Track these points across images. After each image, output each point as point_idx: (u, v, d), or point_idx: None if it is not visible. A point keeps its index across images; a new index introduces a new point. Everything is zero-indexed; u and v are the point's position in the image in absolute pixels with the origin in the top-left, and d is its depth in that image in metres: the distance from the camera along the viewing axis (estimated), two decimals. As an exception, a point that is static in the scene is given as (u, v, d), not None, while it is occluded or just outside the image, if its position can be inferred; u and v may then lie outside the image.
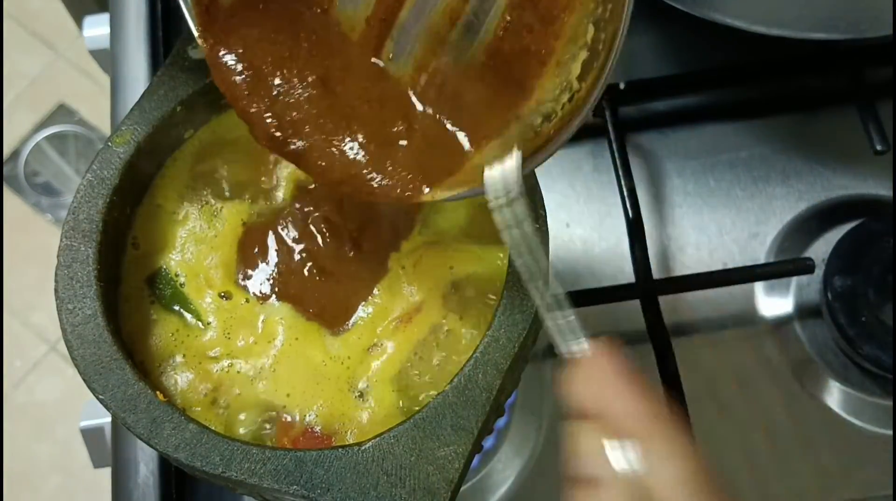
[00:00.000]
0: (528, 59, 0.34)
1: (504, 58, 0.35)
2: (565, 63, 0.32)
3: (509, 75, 0.35)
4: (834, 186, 0.58)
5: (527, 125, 0.33)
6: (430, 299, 0.40)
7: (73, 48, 1.49)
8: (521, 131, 0.33)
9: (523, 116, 0.34)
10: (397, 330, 0.40)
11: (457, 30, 0.36)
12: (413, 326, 0.40)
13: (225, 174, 0.43)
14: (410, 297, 0.40)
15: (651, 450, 0.26)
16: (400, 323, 0.40)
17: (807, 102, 0.61)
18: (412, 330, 0.40)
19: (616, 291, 0.54)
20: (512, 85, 0.35)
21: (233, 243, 0.42)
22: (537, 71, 0.33)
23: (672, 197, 0.58)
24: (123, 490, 0.50)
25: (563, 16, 0.32)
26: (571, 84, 0.32)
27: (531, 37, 0.33)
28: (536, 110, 0.33)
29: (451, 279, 0.41)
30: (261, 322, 0.41)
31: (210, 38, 0.37)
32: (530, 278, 0.32)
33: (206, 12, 0.37)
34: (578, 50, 0.32)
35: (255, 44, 0.38)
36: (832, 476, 0.52)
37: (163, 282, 0.41)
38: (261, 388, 0.39)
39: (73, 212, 0.40)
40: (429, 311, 0.40)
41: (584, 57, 0.31)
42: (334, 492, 0.35)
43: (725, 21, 0.49)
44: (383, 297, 0.41)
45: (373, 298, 0.41)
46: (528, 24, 0.33)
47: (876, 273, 0.53)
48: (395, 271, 0.41)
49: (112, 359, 0.37)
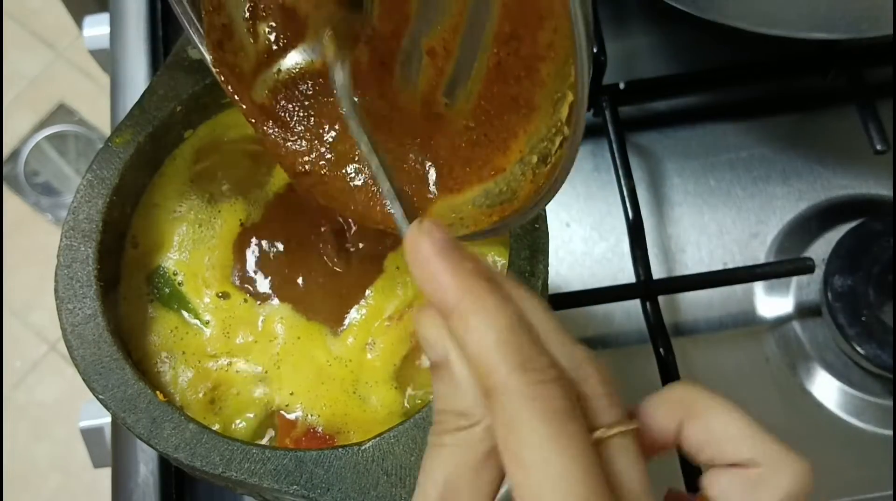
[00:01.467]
0: (515, 108, 0.34)
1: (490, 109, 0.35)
2: (554, 107, 0.32)
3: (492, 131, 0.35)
4: (834, 186, 0.58)
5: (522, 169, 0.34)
6: (420, 296, 0.40)
7: (73, 48, 1.49)
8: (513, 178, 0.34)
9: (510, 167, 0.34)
10: (390, 329, 0.40)
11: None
12: (405, 323, 0.40)
13: (224, 174, 0.43)
14: (403, 295, 0.41)
15: (466, 326, 0.26)
16: (392, 322, 0.40)
17: (807, 102, 0.61)
18: (404, 328, 0.40)
19: (616, 291, 0.54)
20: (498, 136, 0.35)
21: (231, 243, 0.42)
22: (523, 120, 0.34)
23: (672, 197, 0.58)
24: (123, 490, 0.50)
25: (540, 66, 0.32)
26: (562, 128, 0.32)
27: (518, 86, 0.33)
28: (529, 154, 0.34)
29: None
30: (260, 321, 0.41)
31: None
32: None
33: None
34: (566, 90, 0.32)
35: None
36: (832, 476, 0.52)
37: (161, 281, 0.41)
38: (262, 387, 0.40)
39: (73, 212, 0.40)
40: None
41: (571, 99, 0.31)
42: (334, 492, 0.35)
43: (726, 21, 0.49)
44: (377, 297, 0.41)
45: (366, 299, 0.41)
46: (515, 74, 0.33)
47: (876, 273, 0.53)
48: (390, 271, 0.41)
49: (112, 359, 0.37)
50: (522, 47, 0.31)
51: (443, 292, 0.27)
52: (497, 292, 0.27)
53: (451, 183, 0.36)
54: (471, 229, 0.36)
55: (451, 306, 0.27)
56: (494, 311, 0.26)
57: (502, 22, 0.31)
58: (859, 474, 0.52)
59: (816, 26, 0.49)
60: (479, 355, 0.26)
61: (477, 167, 0.35)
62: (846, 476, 0.52)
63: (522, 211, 0.34)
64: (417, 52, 0.35)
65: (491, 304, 0.26)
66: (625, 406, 0.27)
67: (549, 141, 0.32)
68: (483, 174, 0.35)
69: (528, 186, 0.34)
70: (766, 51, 0.58)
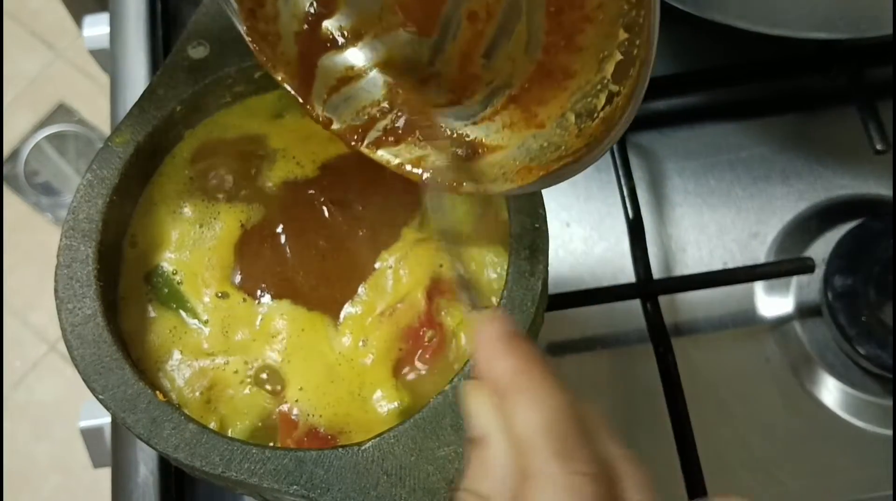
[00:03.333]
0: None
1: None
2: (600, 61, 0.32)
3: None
4: (834, 186, 0.58)
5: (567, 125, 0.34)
6: (413, 293, 0.40)
7: (72, 48, 1.49)
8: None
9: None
10: (382, 325, 0.40)
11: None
12: (396, 318, 0.40)
13: (223, 174, 0.43)
14: (396, 292, 0.41)
15: (517, 402, 0.27)
16: (384, 317, 0.40)
17: (807, 102, 0.61)
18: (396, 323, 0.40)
19: (616, 291, 0.54)
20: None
21: (230, 243, 0.42)
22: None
23: (672, 197, 0.58)
24: (123, 490, 0.50)
25: (587, 27, 0.32)
26: (608, 84, 0.32)
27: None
28: (570, 111, 0.34)
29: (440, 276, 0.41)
30: (259, 320, 0.40)
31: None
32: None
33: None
34: (614, 49, 0.32)
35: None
36: (832, 476, 0.52)
37: (160, 280, 0.41)
38: (262, 386, 0.39)
39: (72, 211, 0.40)
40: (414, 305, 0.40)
41: (619, 58, 0.32)
42: (334, 492, 0.35)
43: (726, 21, 0.49)
44: (370, 294, 0.41)
45: (359, 296, 0.41)
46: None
47: (876, 273, 0.53)
48: (383, 270, 0.41)
49: (112, 359, 0.37)
50: (571, 11, 0.32)
51: (499, 371, 0.28)
52: (552, 379, 0.27)
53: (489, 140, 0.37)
54: (517, 184, 0.36)
55: (506, 384, 0.27)
56: (546, 395, 0.27)
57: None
58: (859, 474, 0.52)
59: (816, 26, 0.49)
60: (524, 434, 0.26)
61: (514, 124, 0.36)
62: (846, 476, 0.52)
63: (573, 164, 0.34)
64: (457, 17, 0.36)
65: (544, 388, 0.27)
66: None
67: (594, 97, 0.33)
68: (521, 131, 0.36)
69: (575, 141, 0.34)
70: (766, 51, 0.58)
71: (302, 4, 0.39)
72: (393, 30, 0.39)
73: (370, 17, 0.39)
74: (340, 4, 0.39)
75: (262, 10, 0.39)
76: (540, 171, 0.35)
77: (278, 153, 0.44)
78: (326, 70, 0.40)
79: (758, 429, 0.53)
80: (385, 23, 0.39)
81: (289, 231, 0.42)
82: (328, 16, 0.40)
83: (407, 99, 0.39)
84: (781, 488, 0.52)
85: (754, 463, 0.52)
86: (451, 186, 0.37)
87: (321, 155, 0.44)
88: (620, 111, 0.32)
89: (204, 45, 0.43)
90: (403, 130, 0.39)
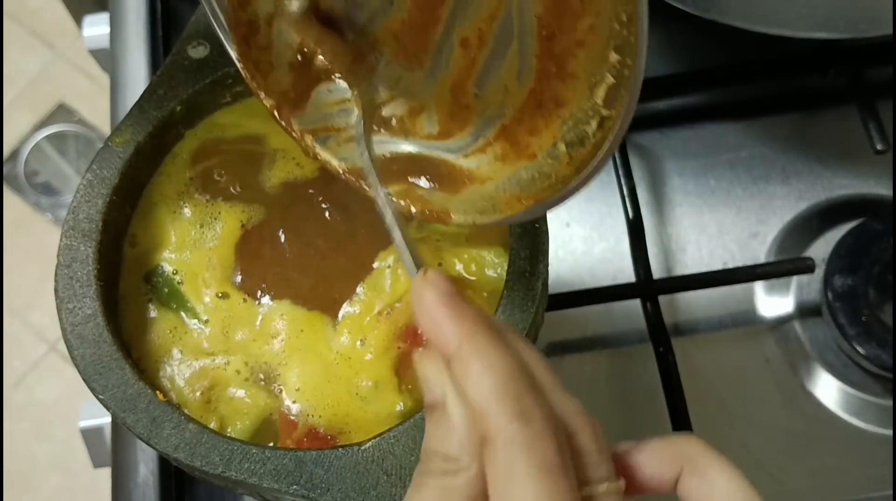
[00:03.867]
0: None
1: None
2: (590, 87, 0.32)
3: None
4: (834, 186, 0.58)
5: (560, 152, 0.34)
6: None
7: (72, 48, 1.49)
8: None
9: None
10: (381, 324, 0.40)
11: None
12: (394, 317, 0.40)
13: (223, 174, 0.43)
14: (394, 291, 0.41)
15: (466, 369, 0.27)
16: (382, 316, 0.40)
17: (807, 101, 0.61)
18: (394, 322, 0.40)
19: (616, 291, 0.54)
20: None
21: (231, 243, 0.42)
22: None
23: (672, 197, 0.58)
24: (123, 490, 0.50)
25: (579, 52, 0.32)
26: (599, 110, 0.32)
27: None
28: (560, 141, 0.34)
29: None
30: (259, 320, 0.41)
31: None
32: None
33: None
34: (605, 72, 0.32)
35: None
36: (832, 476, 0.52)
37: (160, 280, 0.41)
38: (263, 385, 0.39)
39: (72, 211, 0.40)
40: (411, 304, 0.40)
41: (610, 83, 0.32)
42: (334, 492, 0.35)
43: (726, 21, 0.49)
44: (368, 293, 0.41)
45: (357, 295, 0.41)
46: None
47: (876, 273, 0.53)
48: (381, 269, 0.41)
49: (112, 359, 0.37)
50: (563, 36, 0.32)
51: (445, 337, 0.28)
52: (499, 340, 0.27)
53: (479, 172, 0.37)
54: (505, 214, 0.36)
55: (453, 351, 0.27)
56: (495, 358, 0.27)
57: (542, 9, 0.32)
58: (859, 474, 0.52)
59: (816, 26, 0.49)
60: (478, 400, 0.26)
61: (506, 156, 0.36)
62: (846, 476, 0.52)
63: (561, 192, 0.34)
64: (449, 44, 0.36)
65: (492, 351, 0.27)
66: (611, 463, 0.28)
67: (586, 124, 0.33)
68: (512, 163, 0.36)
69: (565, 169, 0.34)
70: (766, 51, 0.58)
71: (296, 36, 0.39)
72: (386, 62, 0.39)
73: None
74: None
75: (255, 38, 0.39)
76: (529, 201, 0.35)
77: (278, 153, 0.44)
78: (319, 101, 0.40)
79: (758, 429, 0.53)
80: (378, 54, 0.39)
81: (289, 231, 0.42)
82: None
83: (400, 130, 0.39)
84: (781, 488, 0.52)
85: (754, 463, 0.52)
86: (440, 218, 0.37)
87: (321, 155, 0.44)
88: (611, 133, 0.32)
89: (204, 45, 0.43)
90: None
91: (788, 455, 0.52)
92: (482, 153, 0.37)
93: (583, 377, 0.54)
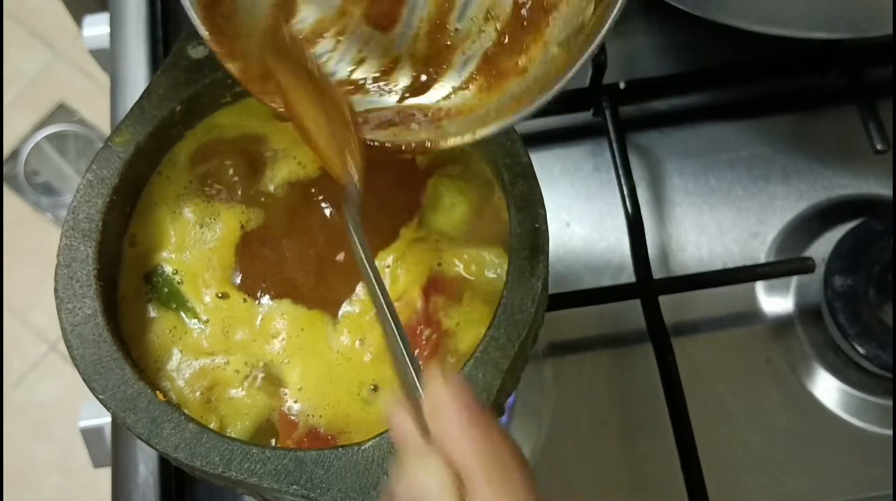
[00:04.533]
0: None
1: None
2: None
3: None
4: (834, 186, 0.58)
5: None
6: (410, 291, 0.40)
7: (72, 48, 1.49)
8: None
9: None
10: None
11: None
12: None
13: (223, 174, 0.43)
14: (393, 291, 0.41)
15: (485, 495, 0.25)
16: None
17: (807, 101, 0.61)
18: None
19: (616, 291, 0.54)
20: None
21: (231, 243, 0.42)
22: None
23: (672, 196, 0.58)
24: (123, 490, 0.50)
25: None
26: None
27: None
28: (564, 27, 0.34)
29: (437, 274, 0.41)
30: (259, 320, 0.41)
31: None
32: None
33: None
34: None
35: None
36: (832, 476, 0.52)
37: (160, 280, 0.41)
38: (263, 385, 0.39)
39: (72, 211, 0.40)
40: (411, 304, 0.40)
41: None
42: (334, 492, 0.35)
43: (725, 21, 0.49)
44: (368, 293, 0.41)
45: (357, 295, 0.41)
46: None
47: (876, 273, 0.53)
48: (381, 269, 0.41)
49: (112, 359, 0.37)
50: None
51: (465, 452, 0.26)
52: (523, 468, 0.26)
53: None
54: (502, 121, 0.35)
55: (470, 469, 0.26)
56: (519, 494, 0.25)
57: None
58: (859, 474, 0.52)
59: (816, 26, 0.49)
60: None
61: (490, 87, 0.36)
62: (846, 476, 0.52)
63: (561, 79, 0.33)
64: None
65: (516, 482, 0.26)
66: None
67: (580, 14, 0.32)
68: (499, 89, 0.36)
69: (561, 63, 0.33)
70: (766, 51, 0.58)
71: (263, 3, 0.39)
72: (355, 24, 0.39)
73: (331, 13, 0.39)
74: (301, 4, 0.39)
75: (220, 6, 0.38)
76: (526, 102, 0.34)
77: (279, 153, 0.44)
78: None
79: (758, 429, 0.53)
80: (346, 18, 0.39)
81: (289, 231, 0.42)
82: (291, 16, 0.39)
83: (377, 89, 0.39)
84: (781, 488, 0.52)
85: (754, 463, 0.52)
86: (435, 145, 0.36)
87: (321, 155, 0.44)
88: (611, 6, 0.31)
89: (204, 45, 0.43)
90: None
91: (788, 455, 0.52)
92: (465, 90, 0.37)
93: (583, 377, 0.54)
